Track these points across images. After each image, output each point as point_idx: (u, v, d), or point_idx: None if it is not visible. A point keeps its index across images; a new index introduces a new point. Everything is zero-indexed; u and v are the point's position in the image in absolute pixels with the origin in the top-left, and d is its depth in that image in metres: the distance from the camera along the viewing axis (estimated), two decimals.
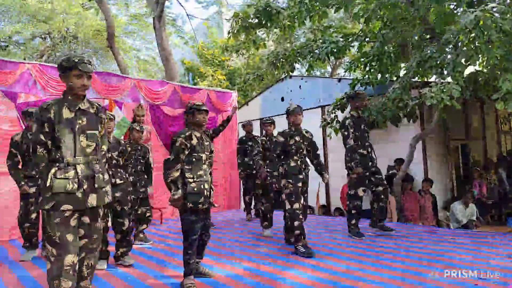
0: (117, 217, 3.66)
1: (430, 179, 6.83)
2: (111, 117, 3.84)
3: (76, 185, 2.23)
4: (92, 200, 2.29)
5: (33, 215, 3.93)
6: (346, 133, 4.54)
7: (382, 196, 4.56)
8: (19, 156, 3.98)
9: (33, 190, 3.80)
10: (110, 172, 3.63)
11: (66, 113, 2.29)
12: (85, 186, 2.26)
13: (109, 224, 3.72)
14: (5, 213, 5.02)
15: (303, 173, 4.03)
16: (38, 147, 2.25)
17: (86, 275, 2.38)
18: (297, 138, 4.05)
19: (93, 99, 5.85)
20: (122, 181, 3.72)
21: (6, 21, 14.79)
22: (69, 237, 2.20)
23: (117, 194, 3.61)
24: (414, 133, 6.72)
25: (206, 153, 3.06)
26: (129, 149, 4.03)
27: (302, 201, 3.92)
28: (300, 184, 3.93)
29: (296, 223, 3.81)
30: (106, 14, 11.18)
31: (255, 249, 4.07)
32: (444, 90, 4.80)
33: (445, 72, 5.25)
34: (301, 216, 3.85)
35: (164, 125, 6.90)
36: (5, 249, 4.49)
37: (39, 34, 15.31)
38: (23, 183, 3.91)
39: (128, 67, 14.73)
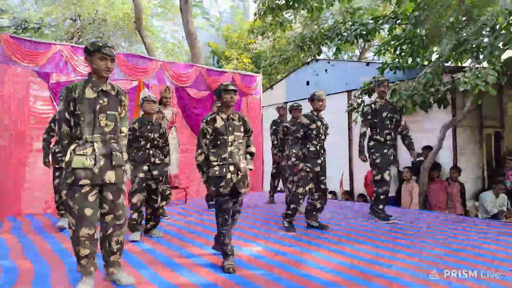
0: (152, 194, 3.87)
1: (458, 167, 6.63)
2: (154, 99, 3.97)
3: (93, 161, 2.36)
4: (110, 177, 2.41)
5: None
6: (361, 119, 4.74)
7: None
8: (55, 133, 4.16)
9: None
10: (151, 152, 3.84)
11: (89, 93, 2.42)
12: (101, 163, 2.38)
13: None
14: (40, 188, 5.28)
15: (321, 158, 4.12)
16: (63, 124, 2.41)
17: (115, 250, 2.50)
18: (318, 123, 4.13)
19: (121, 80, 6.02)
20: (159, 162, 3.91)
21: (39, 3, 15.19)
22: (87, 212, 2.34)
23: (155, 173, 3.82)
24: (444, 120, 6.49)
25: (235, 133, 3.01)
26: (138, 125, 3.85)
27: (308, 187, 4.05)
28: (318, 168, 4.05)
29: (292, 206, 4.08)
30: None
31: (278, 231, 4.11)
32: (479, 75, 4.60)
33: (481, 56, 5.02)
34: (301, 202, 4.09)
35: (189, 107, 6.97)
36: (39, 221, 4.73)
37: (70, 16, 15.64)
38: (47, 160, 4.24)
39: (155, 49, 14.90)
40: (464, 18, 6.06)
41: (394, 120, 4.65)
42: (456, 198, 6.43)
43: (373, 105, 4.67)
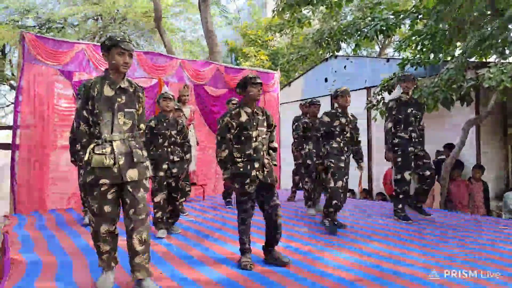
0: (172, 191, 3.89)
1: (481, 165, 6.43)
2: (171, 96, 4.00)
3: (112, 161, 2.31)
4: (132, 174, 2.36)
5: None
6: (386, 115, 4.60)
7: (429, 180, 4.46)
8: None
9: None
10: (169, 149, 3.86)
11: (107, 91, 2.36)
12: (121, 162, 2.33)
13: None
14: (63, 184, 5.43)
15: (345, 155, 4.04)
16: (81, 123, 2.38)
17: (139, 251, 2.34)
18: (342, 120, 4.05)
19: (141, 78, 6.11)
20: (178, 159, 3.92)
21: (62, 2, 15.57)
22: (106, 209, 2.35)
23: (174, 171, 3.85)
24: (467, 117, 6.31)
25: (259, 128, 2.90)
26: (155, 123, 3.86)
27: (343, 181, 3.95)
28: (342, 165, 3.95)
29: (334, 202, 3.89)
30: None
31: (295, 228, 4.10)
32: (505, 70, 4.45)
33: (507, 52, 4.85)
34: (341, 196, 3.93)
35: (207, 104, 7.02)
36: (63, 216, 4.87)
37: (91, 16, 15.98)
38: (73, 159, 4.32)
39: (174, 48, 15.05)
40: (489, 12, 5.85)
41: (418, 117, 4.49)
42: (478, 198, 6.24)
43: (397, 100, 4.51)
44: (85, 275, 2.66)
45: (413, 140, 4.40)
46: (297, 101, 9.34)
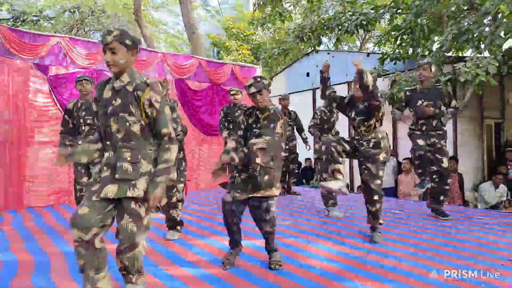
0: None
1: (455, 157, 6.61)
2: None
3: (97, 174, 2.03)
4: (108, 191, 1.93)
5: (84, 179, 3.96)
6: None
7: (436, 178, 4.14)
8: (70, 124, 4.01)
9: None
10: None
11: (106, 93, 2.04)
12: (103, 175, 1.99)
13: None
14: (41, 181, 5.30)
15: None
16: (95, 131, 2.21)
17: (123, 269, 2.07)
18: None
19: None
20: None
21: None
22: (82, 210, 1.91)
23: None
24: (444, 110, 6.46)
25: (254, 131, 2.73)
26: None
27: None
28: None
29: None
30: None
31: (281, 223, 4.11)
32: (480, 65, 4.56)
33: (482, 46, 4.97)
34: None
35: (189, 99, 6.96)
36: (40, 214, 4.75)
37: (69, 8, 15.54)
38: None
39: (155, 40, 14.82)
40: (466, 7, 5.99)
41: (433, 107, 4.02)
42: (454, 189, 6.42)
43: (408, 92, 4.24)
44: (63, 274, 2.61)
45: (424, 132, 4.10)
46: (279, 95, 9.35)
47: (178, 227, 3.63)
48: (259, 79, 2.68)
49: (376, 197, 3.26)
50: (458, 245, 3.14)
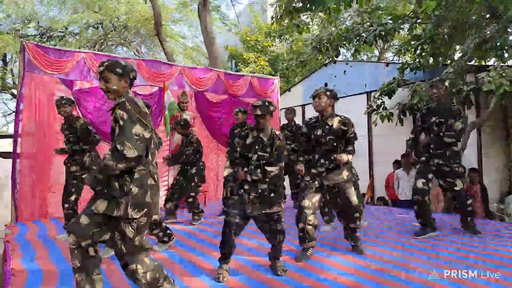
0: None
1: (476, 168, 6.40)
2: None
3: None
4: (98, 206, 2.01)
5: (72, 197, 4.17)
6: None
7: (455, 199, 4.07)
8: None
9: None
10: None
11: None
12: (98, 188, 2.05)
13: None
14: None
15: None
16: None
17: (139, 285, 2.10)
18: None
19: (141, 85, 6.13)
20: None
21: (63, 11, 15.69)
22: (83, 219, 2.02)
23: None
24: (468, 121, 6.31)
25: (259, 153, 2.85)
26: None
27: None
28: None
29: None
30: (154, 2, 11.48)
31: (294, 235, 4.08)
32: (504, 74, 4.45)
33: (506, 55, 4.85)
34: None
35: (207, 111, 7.04)
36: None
37: (92, 24, 16.09)
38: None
39: (174, 54, 15.12)
40: (488, 15, 5.88)
41: (443, 125, 3.87)
42: (476, 201, 6.19)
43: (423, 110, 4.14)
44: None
45: (432, 151, 3.95)
46: (297, 106, 9.36)
47: (166, 239, 3.57)
48: (267, 104, 2.83)
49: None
50: (479, 259, 3.03)
